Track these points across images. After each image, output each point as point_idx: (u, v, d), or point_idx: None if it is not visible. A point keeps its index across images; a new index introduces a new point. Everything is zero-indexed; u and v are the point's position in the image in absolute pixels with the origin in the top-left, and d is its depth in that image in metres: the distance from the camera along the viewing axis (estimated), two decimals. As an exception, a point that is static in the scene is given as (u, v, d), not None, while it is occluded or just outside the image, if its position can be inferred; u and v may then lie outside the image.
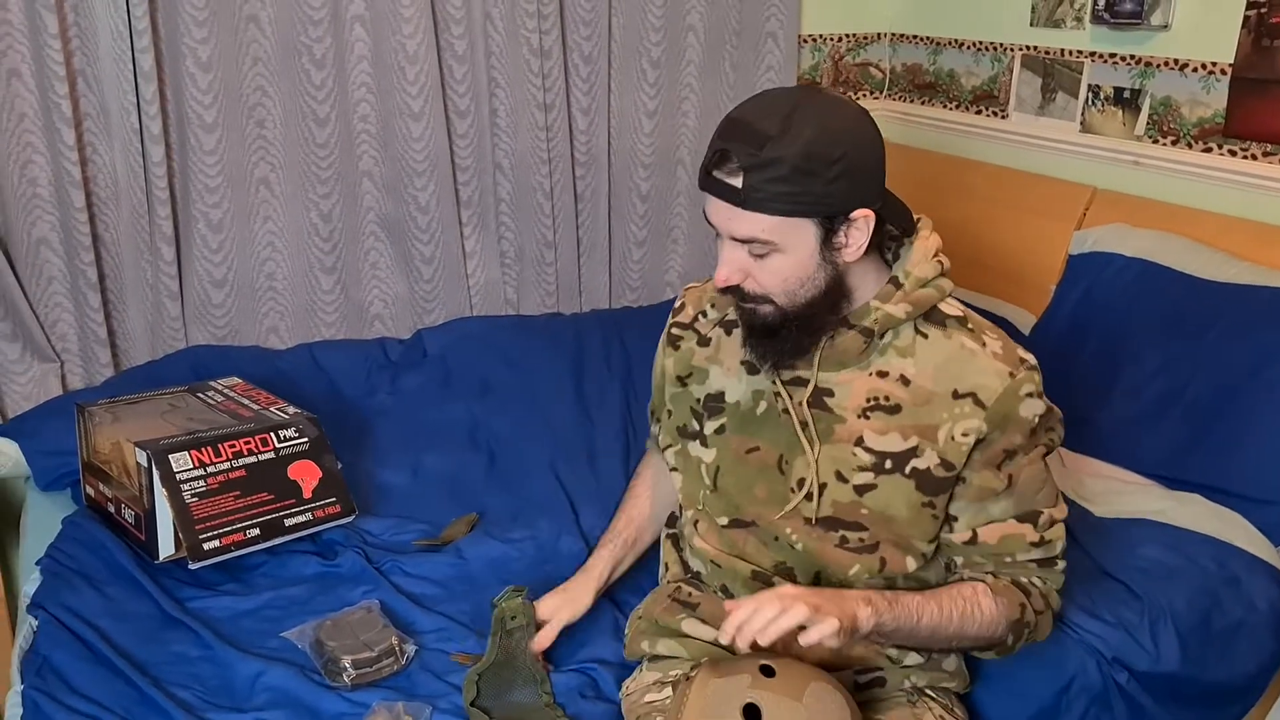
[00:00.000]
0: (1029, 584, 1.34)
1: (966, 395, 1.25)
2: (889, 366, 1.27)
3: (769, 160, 1.15)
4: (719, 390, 1.37)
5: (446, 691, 1.43)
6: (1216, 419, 1.90)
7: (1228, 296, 1.99)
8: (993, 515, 1.30)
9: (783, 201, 1.16)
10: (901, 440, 1.26)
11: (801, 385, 1.30)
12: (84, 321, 2.22)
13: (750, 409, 1.33)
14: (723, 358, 1.38)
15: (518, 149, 2.53)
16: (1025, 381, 1.26)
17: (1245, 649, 1.64)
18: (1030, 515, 1.31)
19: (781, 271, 1.21)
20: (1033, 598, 1.33)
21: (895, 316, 1.26)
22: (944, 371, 1.26)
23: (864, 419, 1.27)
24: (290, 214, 2.36)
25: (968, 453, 1.25)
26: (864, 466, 1.28)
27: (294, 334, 2.43)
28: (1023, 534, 1.30)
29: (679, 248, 2.82)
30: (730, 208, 1.18)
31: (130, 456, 1.67)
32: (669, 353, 1.46)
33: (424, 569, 1.71)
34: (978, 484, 1.28)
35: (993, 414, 1.24)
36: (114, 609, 1.58)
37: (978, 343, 1.27)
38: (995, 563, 1.32)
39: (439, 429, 2.18)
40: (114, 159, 2.18)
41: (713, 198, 1.20)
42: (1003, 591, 1.30)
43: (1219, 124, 2.19)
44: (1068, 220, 2.37)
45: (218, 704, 1.41)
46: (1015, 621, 1.29)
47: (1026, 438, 1.28)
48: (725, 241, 1.22)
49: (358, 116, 2.36)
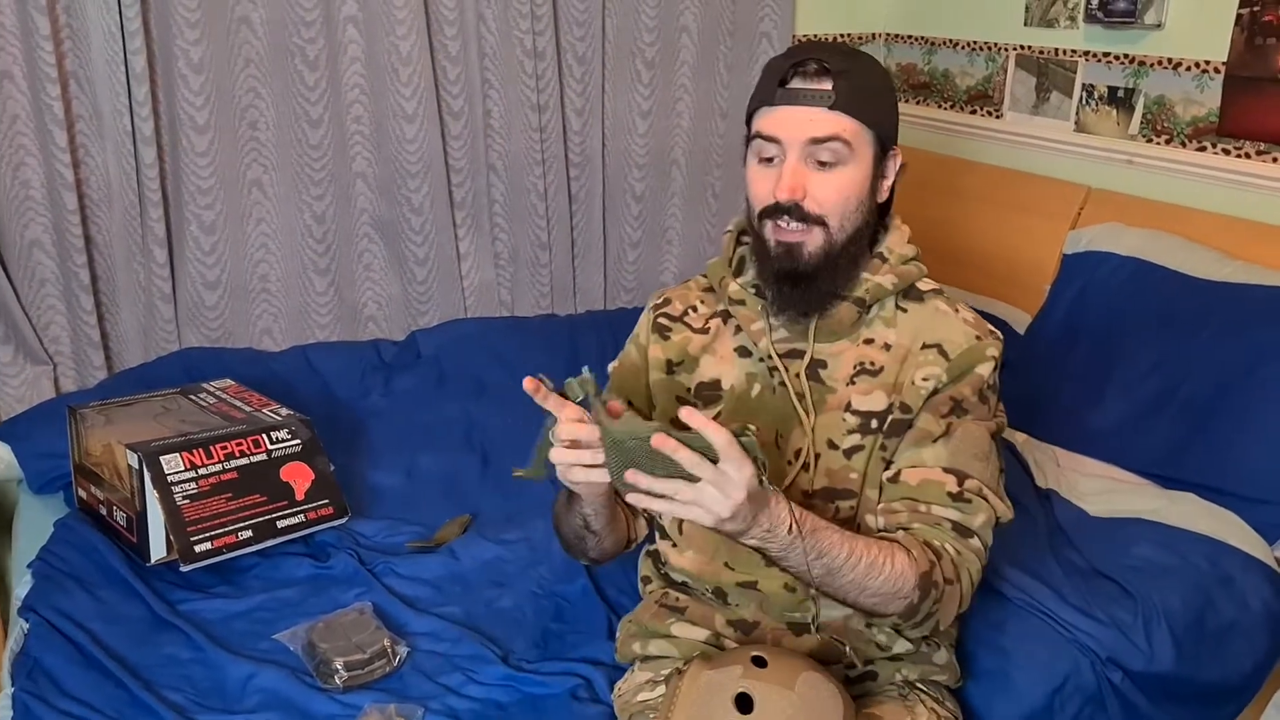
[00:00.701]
0: (941, 547, 1.24)
1: (932, 346, 1.30)
2: (874, 334, 1.32)
3: (852, 69, 1.24)
4: (714, 378, 1.37)
5: (438, 693, 1.42)
6: (1211, 418, 1.90)
7: (1222, 295, 1.98)
8: (923, 459, 1.27)
9: (865, 106, 1.24)
10: (885, 399, 1.30)
11: (797, 358, 1.32)
12: (76, 324, 2.22)
13: (745, 392, 1.34)
14: (717, 346, 1.38)
15: (511, 150, 2.53)
16: (990, 345, 1.31)
17: (1239, 648, 1.64)
18: (958, 473, 1.26)
19: (844, 186, 1.25)
20: (943, 561, 1.22)
21: (884, 287, 1.31)
22: (919, 331, 1.32)
23: (851, 385, 1.31)
24: (283, 215, 2.36)
25: (925, 397, 1.29)
26: (851, 429, 1.30)
27: (287, 336, 2.42)
28: (942, 482, 1.25)
29: (674, 249, 2.82)
30: (812, 110, 1.22)
31: (121, 459, 1.67)
32: (655, 340, 1.43)
33: (417, 570, 1.70)
34: (918, 425, 1.28)
35: (954, 366, 1.28)
36: (105, 611, 1.57)
37: (950, 308, 1.34)
38: (909, 511, 1.25)
39: (433, 430, 2.17)
40: (106, 161, 2.17)
41: (786, 107, 1.24)
42: (914, 546, 1.21)
43: (1213, 123, 2.19)
44: (1062, 219, 2.37)
45: (209, 706, 1.40)
46: (924, 576, 1.18)
47: (976, 395, 1.28)
48: (789, 157, 1.24)
49: (351, 118, 2.35)
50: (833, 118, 1.23)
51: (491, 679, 1.46)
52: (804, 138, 1.23)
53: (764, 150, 1.26)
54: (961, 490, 1.25)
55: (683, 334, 1.41)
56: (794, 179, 1.24)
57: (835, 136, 1.23)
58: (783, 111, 1.24)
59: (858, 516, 1.31)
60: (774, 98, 1.25)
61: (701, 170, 2.79)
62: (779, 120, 1.24)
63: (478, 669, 1.48)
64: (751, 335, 1.34)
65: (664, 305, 1.44)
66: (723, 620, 1.35)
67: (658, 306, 1.45)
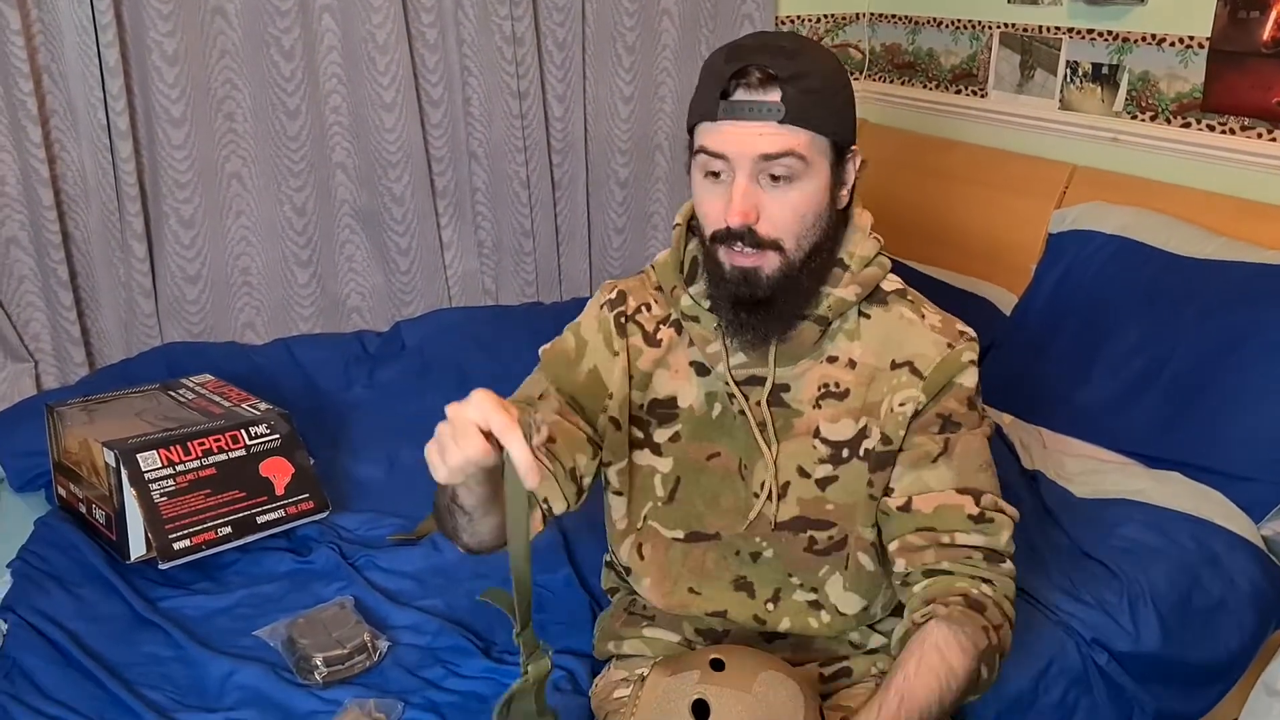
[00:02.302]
0: (980, 597, 1.16)
1: (904, 364, 1.21)
2: (838, 351, 1.23)
3: (803, 71, 1.11)
4: (669, 395, 1.27)
5: (419, 687, 1.42)
6: (1196, 396, 1.89)
7: (1207, 273, 1.97)
8: (929, 483, 1.20)
9: (817, 114, 1.13)
10: (853, 425, 1.23)
11: (757, 384, 1.23)
12: (57, 320, 2.20)
13: (706, 413, 1.25)
14: (671, 360, 1.27)
15: (493, 138, 2.51)
16: (965, 351, 1.22)
17: (1226, 627, 1.64)
18: (971, 491, 1.20)
19: (799, 204, 1.15)
20: (988, 613, 1.15)
21: (846, 300, 1.21)
22: (885, 345, 1.23)
23: (817, 409, 1.23)
24: (263, 208, 2.34)
25: (906, 423, 1.21)
26: (823, 459, 1.24)
27: (270, 329, 2.41)
28: (960, 505, 1.18)
29: (659, 234, 2.80)
30: (762, 125, 1.11)
31: (99, 456, 1.66)
32: (620, 344, 1.28)
33: (398, 563, 1.69)
34: (913, 446, 1.22)
35: (930, 383, 1.21)
36: (85, 610, 1.56)
37: (916, 314, 1.24)
38: (934, 547, 1.18)
39: (417, 421, 2.10)
40: (82, 156, 2.15)
41: (734, 122, 1.11)
42: (960, 620, 1.13)
43: (1197, 99, 2.17)
44: (1047, 199, 2.35)
45: (188, 705, 1.39)
46: (983, 651, 1.14)
47: (965, 406, 1.22)
48: (738, 176, 1.13)
49: (329, 108, 2.33)
50: (784, 134, 1.11)
51: (473, 672, 1.45)
52: (753, 155, 1.12)
53: (710, 164, 1.15)
54: (981, 511, 1.19)
55: (635, 340, 1.29)
56: (745, 202, 1.13)
57: (788, 152, 1.12)
58: (727, 128, 1.12)
59: (846, 548, 1.25)
60: (716, 112, 1.12)
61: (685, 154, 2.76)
62: (724, 138, 1.13)
63: (459, 662, 1.47)
64: (707, 357, 1.24)
65: (619, 303, 1.30)
66: (692, 629, 1.32)
67: (613, 303, 1.30)
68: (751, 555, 1.28)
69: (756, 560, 1.28)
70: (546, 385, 1.28)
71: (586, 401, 1.28)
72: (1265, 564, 1.70)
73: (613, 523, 1.34)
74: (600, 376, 1.28)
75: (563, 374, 1.29)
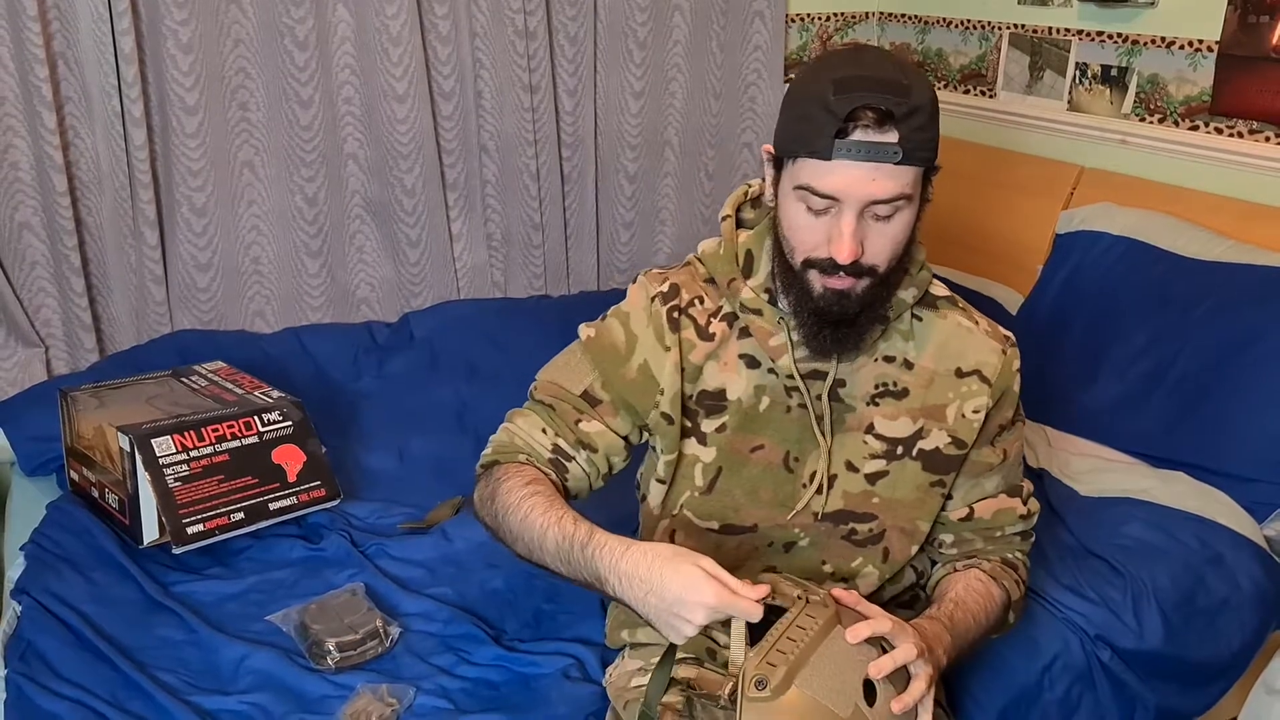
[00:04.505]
0: (1014, 559, 1.37)
1: (971, 373, 1.28)
2: (893, 351, 1.27)
3: (916, 107, 1.09)
4: (718, 387, 1.28)
5: (430, 673, 1.43)
6: (1202, 397, 1.90)
7: (1214, 275, 1.99)
8: (986, 490, 1.34)
9: (926, 150, 1.12)
10: (911, 424, 1.28)
11: (819, 378, 1.26)
12: (68, 306, 2.21)
13: (753, 405, 1.27)
14: (722, 353, 1.28)
15: (503, 131, 2.51)
16: (1014, 357, 1.32)
17: (1228, 626, 1.65)
18: (1015, 489, 1.37)
19: (899, 234, 1.15)
20: (1019, 570, 1.36)
21: (905, 301, 1.25)
22: (944, 351, 1.28)
23: (873, 406, 1.27)
24: (275, 197, 2.35)
25: (979, 429, 1.28)
26: (875, 454, 1.28)
27: (280, 318, 2.42)
28: (1013, 508, 1.35)
29: (667, 229, 2.82)
30: (878, 167, 1.09)
31: (113, 441, 1.67)
32: (672, 339, 1.27)
33: (409, 552, 1.70)
34: (975, 459, 1.31)
35: (995, 390, 1.29)
36: (98, 594, 1.57)
37: (971, 321, 1.31)
38: (985, 538, 1.35)
39: (426, 412, 2.17)
40: (96, 143, 2.16)
41: (850, 163, 1.09)
42: (1000, 575, 1.33)
43: (1205, 102, 2.18)
44: (1055, 199, 2.36)
45: (202, 687, 1.41)
46: (1016, 601, 1.34)
47: (1015, 412, 1.34)
48: (846, 213, 1.12)
49: (341, 98, 2.34)
50: (900, 174, 1.10)
51: (484, 659, 1.47)
52: (866, 199, 1.11)
53: (814, 203, 1.13)
54: (1027, 509, 1.37)
55: (687, 333, 1.28)
56: (854, 241, 1.12)
57: (899, 196, 1.12)
58: (841, 170, 1.10)
59: (884, 541, 1.31)
60: (830, 151, 1.09)
61: (695, 150, 2.78)
62: (837, 181, 1.10)
63: (470, 649, 1.48)
64: (768, 350, 1.25)
65: (673, 296, 1.28)
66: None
67: (665, 296, 1.28)
68: (785, 545, 1.32)
69: (790, 550, 1.32)
70: (593, 378, 1.30)
71: (636, 399, 1.29)
72: (1268, 564, 1.71)
73: (649, 509, 1.37)
74: (651, 372, 1.28)
75: (611, 370, 1.30)
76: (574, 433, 1.30)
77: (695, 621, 1.04)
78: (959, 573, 1.33)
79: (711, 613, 1.04)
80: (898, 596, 1.39)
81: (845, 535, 1.31)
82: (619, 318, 1.32)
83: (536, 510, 1.19)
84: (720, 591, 1.03)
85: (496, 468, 1.31)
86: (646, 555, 1.08)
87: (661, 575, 1.05)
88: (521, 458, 1.30)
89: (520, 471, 1.27)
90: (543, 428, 1.31)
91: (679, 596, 1.04)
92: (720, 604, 1.03)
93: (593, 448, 1.30)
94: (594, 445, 1.30)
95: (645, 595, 1.06)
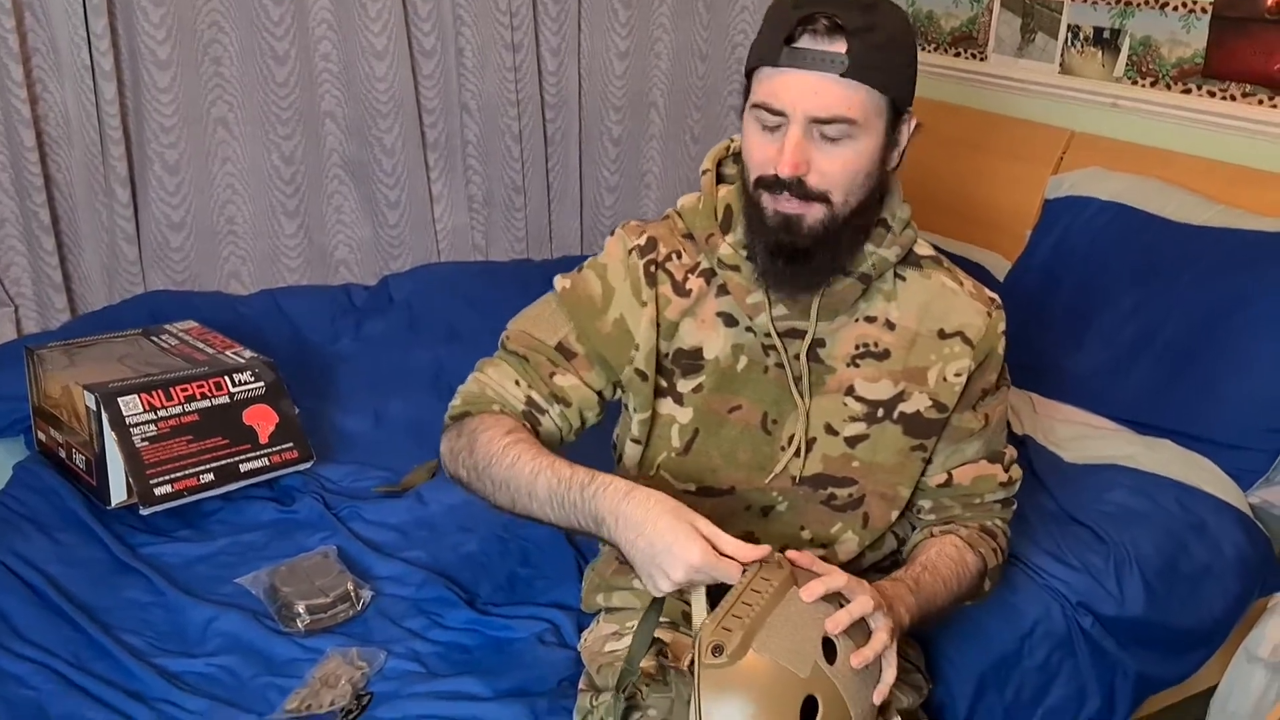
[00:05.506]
0: (993, 526, 1.34)
1: (954, 335, 1.25)
2: (875, 311, 1.24)
3: (872, 25, 1.09)
4: (695, 346, 1.25)
5: (402, 637, 1.40)
6: (1189, 364, 1.88)
7: (1203, 240, 1.96)
8: (966, 456, 1.30)
9: (881, 72, 1.10)
10: (891, 386, 1.25)
11: (796, 337, 1.23)
12: (38, 265, 2.17)
13: (731, 365, 1.24)
14: (699, 310, 1.25)
15: (485, 90, 2.47)
16: (999, 320, 1.28)
17: (1210, 594, 1.64)
18: (997, 455, 1.33)
19: (850, 161, 1.13)
20: (998, 538, 1.34)
21: (888, 260, 1.22)
22: (927, 312, 1.25)
23: (854, 367, 1.24)
24: (250, 155, 2.30)
25: (960, 392, 1.25)
26: (855, 417, 1.25)
27: (256, 279, 2.38)
28: (994, 474, 1.32)
29: (652, 193, 2.78)
30: (823, 78, 1.09)
31: (79, 401, 1.63)
32: (648, 294, 1.24)
33: (383, 515, 1.68)
34: (956, 424, 1.28)
35: (978, 352, 1.25)
36: (65, 555, 1.54)
37: (956, 281, 1.27)
38: (964, 504, 1.32)
39: (404, 375, 2.14)
40: (65, 97, 2.11)
41: (791, 71, 1.10)
42: (977, 542, 1.30)
43: (1198, 64, 2.15)
44: (1044, 164, 2.34)
45: (168, 650, 1.38)
46: (994, 569, 1.31)
47: (999, 376, 1.30)
48: (791, 127, 1.11)
49: (319, 55, 2.29)
50: (844, 90, 1.09)
51: (457, 623, 1.44)
52: (808, 113, 1.10)
53: (765, 120, 1.13)
54: (1009, 477, 1.34)
55: (664, 288, 1.25)
56: (796, 154, 1.11)
57: (839, 119, 1.10)
58: (786, 77, 1.10)
59: (863, 506, 1.28)
60: (778, 57, 1.10)
61: (680, 113, 2.74)
62: (782, 88, 1.11)
63: (443, 613, 1.46)
64: (746, 308, 1.23)
65: (650, 249, 1.26)
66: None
67: (643, 250, 1.26)
68: (763, 509, 1.29)
69: (767, 515, 1.30)
70: (568, 330, 1.27)
71: (611, 353, 1.26)
72: (1251, 531, 1.70)
73: (625, 470, 1.33)
74: (627, 326, 1.26)
75: (587, 323, 1.27)
76: (547, 385, 1.27)
77: (673, 577, 1.02)
78: (934, 538, 1.30)
79: (692, 571, 1.02)
80: (879, 564, 1.37)
81: (824, 500, 1.28)
82: (596, 269, 1.29)
83: (525, 456, 1.16)
84: (707, 553, 1.02)
85: (469, 419, 1.27)
86: (649, 500, 1.06)
87: (656, 523, 1.04)
88: (495, 408, 1.27)
89: (499, 421, 1.23)
90: (515, 379, 1.27)
91: (667, 547, 1.02)
92: (704, 564, 1.02)
93: (566, 401, 1.27)
94: (568, 399, 1.27)
95: (635, 538, 1.05)
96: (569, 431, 1.30)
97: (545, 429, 1.28)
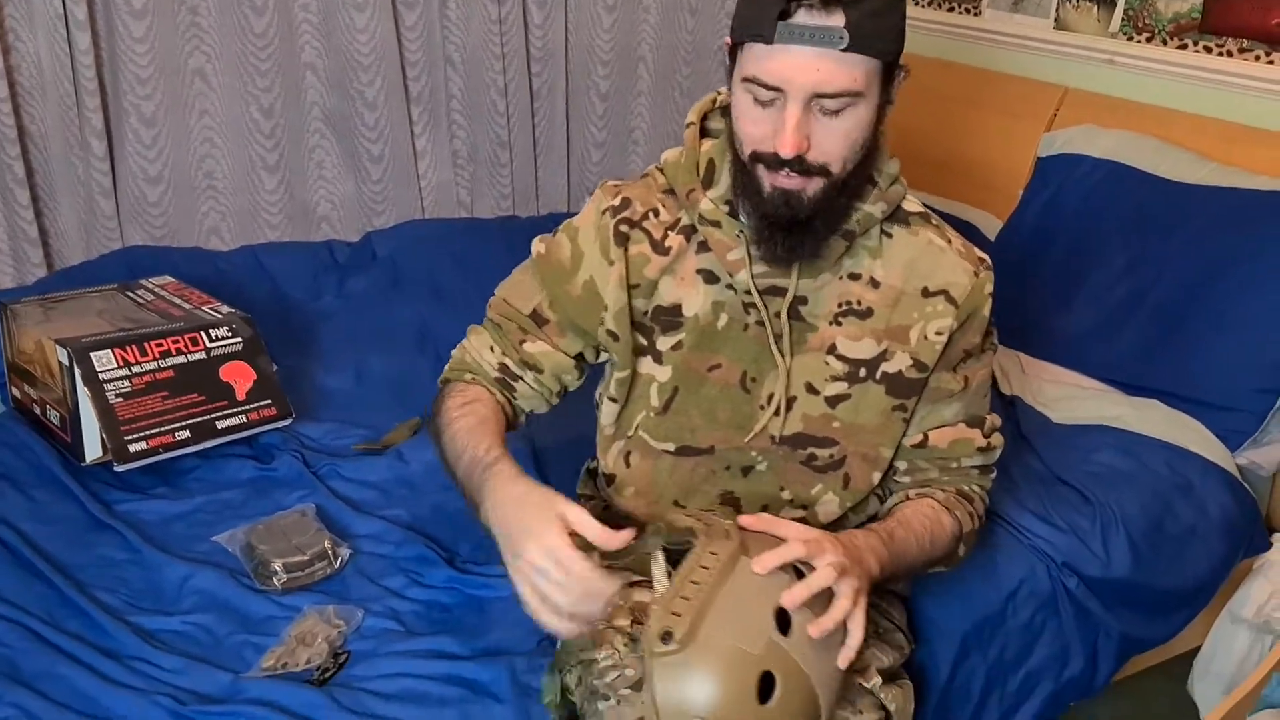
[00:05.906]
0: (970, 491, 1.30)
1: (938, 293, 1.21)
2: (859, 268, 1.21)
3: None
4: (674, 303, 1.23)
5: (380, 595, 1.39)
6: (1179, 324, 1.86)
7: (1197, 198, 1.93)
8: (944, 418, 1.27)
9: (881, 40, 1.05)
10: (874, 345, 1.22)
11: (778, 295, 1.20)
12: (13, 219, 2.12)
13: (711, 322, 1.22)
14: (678, 267, 1.22)
15: (469, 43, 2.42)
16: (986, 280, 1.24)
17: (1196, 554, 1.64)
18: (977, 420, 1.29)
19: (851, 132, 1.08)
20: (975, 503, 1.30)
21: (874, 216, 1.18)
22: (913, 270, 1.21)
23: (836, 325, 1.21)
24: (228, 108, 2.25)
25: (941, 351, 1.22)
26: (837, 376, 1.22)
27: (236, 235, 2.34)
28: (971, 439, 1.28)
29: (640, 149, 2.74)
30: (824, 54, 1.03)
31: (53, 356, 1.60)
32: (617, 253, 1.22)
33: (363, 473, 1.66)
34: (935, 385, 1.25)
35: (962, 312, 1.22)
36: (39, 512, 1.52)
37: (944, 239, 1.24)
38: (940, 468, 1.28)
39: (386, 332, 2.11)
40: (38, 47, 2.06)
41: (788, 48, 1.03)
42: (954, 505, 1.26)
43: (1195, 19, 2.11)
44: (1037, 121, 2.30)
45: (143, 607, 1.36)
46: (968, 534, 1.28)
47: (982, 338, 1.26)
48: (790, 105, 1.05)
49: (298, 4, 2.24)
50: (848, 64, 1.03)
51: (436, 581, 1.43)
52: (810, 90, 1.04)
53: (760, 94, 1.07)
54: (988, 442, 1.29)
55: (640, 247, 1.23)
56: (798, 134, 1.06)
57: (845, 93, 1.05)
58: (783, 55, 1.03)
59: (844, 467, 1.26)
60: (772, 34, 1.03)
61: (669, 68, 2.69)
62: (779, 67, 1.04)
63: (422, 571, 1.44)
64: (726, 265, 1.20)
65: (624, 209, 1.24)
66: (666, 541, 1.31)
67: (616, 210, 1.24)
68: (743, 469, 1.28)
69: (748, 474, 1.28)
70: (541, 297, 1.28)
71: (582, 318, 1.26)
72: (1238, 492, 1.70)
73: (602, 428, 1.33)
74: (596, 288, 1.25)
75: (557, 289, 1.27)
76: (519, 353, 1.28)
77: (524, 556, 1.02)
78: (910, 500, 1.27)
79: (544, 552, 1.01)
80: (862, 526, 1.34)
81: (804, 460, 1.26)
82: (569, 233, 1.29)
83: (462, 431, 1.19)
84: (561, 536, 1.01)
85: (447, 385, 1.31)
86: (532, 493, 1.08)
87: (522, 510, 1.05)
88: (468, 376, 1.30)
89: (463, 391, 1.27)
90: (490, 346, 1.30)
91: (526, 528, 1.03)
92: (553, 546, 1.01)
93: (538, 368, 1.28)
94: (539, 366, 1.28)
95: (502, 520, 1.07)
96: (550, 395, 1.32)
97: (522, 394, 1.30)
